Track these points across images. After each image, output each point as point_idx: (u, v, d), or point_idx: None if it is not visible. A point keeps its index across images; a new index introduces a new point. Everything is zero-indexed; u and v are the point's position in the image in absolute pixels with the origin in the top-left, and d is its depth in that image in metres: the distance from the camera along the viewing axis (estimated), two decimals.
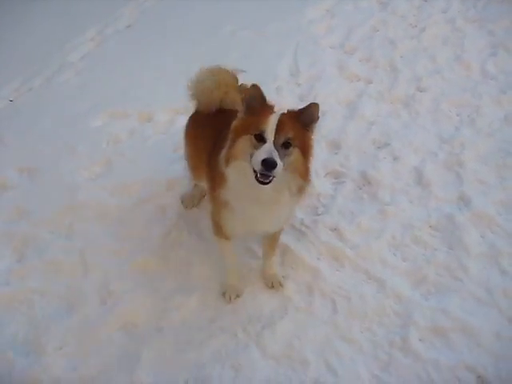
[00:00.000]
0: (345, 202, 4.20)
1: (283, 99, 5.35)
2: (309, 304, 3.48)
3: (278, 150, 2.72)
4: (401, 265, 3.72)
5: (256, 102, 2.89)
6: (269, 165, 2.66)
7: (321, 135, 4.85)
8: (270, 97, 5.13)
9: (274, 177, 2.75)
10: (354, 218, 4.05)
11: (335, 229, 3.97)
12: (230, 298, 3.50)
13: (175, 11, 7.33)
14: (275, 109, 2.96)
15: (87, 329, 3.35)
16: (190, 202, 4.16)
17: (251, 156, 2.77)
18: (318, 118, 2.98)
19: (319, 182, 4.37)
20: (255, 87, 2.90)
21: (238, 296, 3.52)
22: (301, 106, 2.98)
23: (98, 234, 3.98)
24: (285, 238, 3.83)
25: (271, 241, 3.54)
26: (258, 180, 2.76)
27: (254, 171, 2.76)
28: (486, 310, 3.41)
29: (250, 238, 3.82)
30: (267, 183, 2.77)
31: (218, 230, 3.37)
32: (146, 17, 7.32)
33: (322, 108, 5.10)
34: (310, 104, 2.93)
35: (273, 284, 3.58)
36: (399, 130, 4.94)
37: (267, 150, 2.70)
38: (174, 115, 5.20)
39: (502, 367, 3.09)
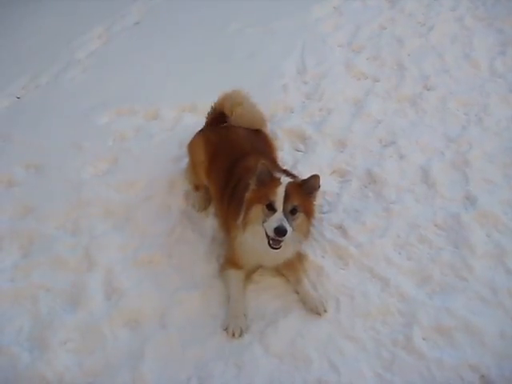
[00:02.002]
0: (350, 201, 4.19)
1: (290, 97, 5.36)
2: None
3: (287, 217, 3.19)
4: (405, 264, 3.71)
5: (264, 176, 3.32)
6: (280, 232, 3.13)
7: (327, 133, 4.86)
8: (277, 95, 5.19)
9: (283, 241, 3.20)
10: (359, 216, 4.04)
11: (340, 227, 3.97)
12: (234, 334, 3.29)
13: (182, 9, 7.34)
14: (281, 180, 3.35)
15: (91, 325, 3.36)
16: (201, 205, 4.16)
17: (264, 221, 3.23)
18: (319, 187, 3.42)
19: (324, 180, 4.33)
20: (263, 164, 3.31)
21: (242, 331, 3.32)
22: (304, 177, 3.46)
23: (103, 230, 4.00)
24: None
25: (294, 265, 3.61)
26: (270, 246, 3.22)
27: (267, 236, 3.21)
28: (490, 309, 3.40)
29: None
30: (278, 248, 3.23)
31: (231, 261, 3.61)
32: (153, 14, 7.32)
33: (328, 106, 5.18)
34: (312, 176, 3.37)
35: (314, 310, 3.40)
36: (406, 128, 4.93)
37: (278, 218, 3.18)
38: (180, 112, 5.21)
39: (506, 367, 3.08)
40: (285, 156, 4.57)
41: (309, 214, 3.38)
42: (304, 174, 4.30)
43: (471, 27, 6.53)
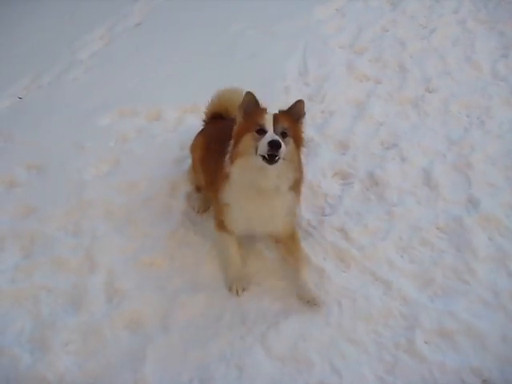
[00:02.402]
0: (352, 203, 4.19)
1: (291, 99, 5.32)
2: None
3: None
4: (407, 266, 3.70)
5: (251, 106, 3.32)
6: (275, 145, 3.07)
7: (328, 135, 4.85)
8: (279, 96, 5.19)
9: (279, 158, 3.12)
10: (360, 218, 4.04)
11: (342, 229, 3.96)
12: (237, 292, 3.52)
13: (184, 9, 7.35)
14: (267, 110, 3.35)
15: (93, 326, 3.35)
16: (201, 206, 4.15)
17: (256, 149, 3.16)
18: (305, 113, 3.43)
19: (326, 182, 4.37)
20: (249, 94, 3.32)
21: (244, 289, 3.55)
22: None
23: (104, 231, 3.99)
24: None
25: (292, 250, 3.63)
26: (266, 161, 3.12)
27: (262, 157, 3.12)
28: (492, 313, 3.38)
29: (259, 239, 3.83)
30: (275, 162, 3.12)
31: (220, 225, 3.61)
32: (155, 15, 7.33)
33: (330, 108, 5.18)
34: (296, 101, 3.41)
35: (308, 302, 3.44)
36: (408, 130, 4.93)
37: (271, 134, 3.14)
38: (182, 113, 5.21)
39: (508, 370, 3.07)
40: None
41: (298, 140, 3.37)
42: (306, 176, 4.31)
43: (473, 30, 6.54)
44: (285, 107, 3.45)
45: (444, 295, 3.51)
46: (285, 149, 3.13)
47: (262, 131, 3.19)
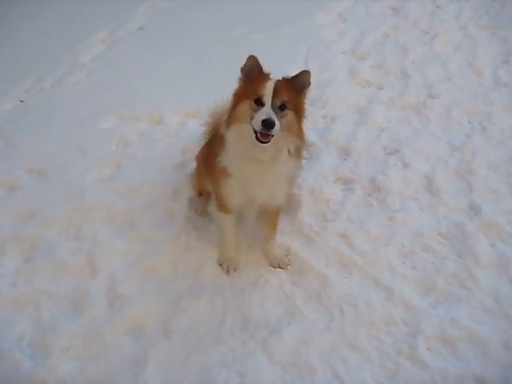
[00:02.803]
0: (354, 209, 4.18)
1: None
2: (316, 311, 3.46)
3: (275, 112, 3.03)
4: (409, 273, 3.70)
5: (253, 71, 3.20)
6: (268, 124, 2.97)
7: (330, 140, 4.85)
8: None
9: (272, 136, 3.04)
10: (362, 224, 4.03)
11: (344, 235, 3.95)
12: (228, 271, 3.68)
13: (187, 14, 7.35)
14: (271, 76, 3.22)
15: (94, 331, 3.34)
16: (204, 209, 4.15)
17: (251, 118, 3.07)
18: (310, 84, 3.27)
19: (328, 187, 4.36)
20: (252, 57, 3.19)
21: (235, 269, 3.69)
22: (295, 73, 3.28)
23: (106, 236, 3.97)
24: (293, 244, 3.86)
25: (272, 220, 3.69)
26: (258, 140, 3.05)
27: (255, 132, 3.05)
28: (494, 319, 3.38)
29: (257, 241, 3.81)
30: (267, 142, 3.05)
31: (220, 203, 3.58)
32: (158, 19, 7.33)
33: (332, 113, 5.19)
34: (302, 71, 3.25)
35: (279, 265, 3.73)
36: (410, 136, 4.93)
37: (266, 111, 3.01)
38: (184, 118, 5.20)
39: (510, 377, 3.07)
40: None
41: (299, 112, 3.23)
42: (308, 181, 4.32)
43: (475, 36, 6.55)
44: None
45: (446, 301, 3.51)
46: (279, 126, 3.02)
47: (259, 102, 3.06)
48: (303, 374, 3.11)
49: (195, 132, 4.52)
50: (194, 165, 4.23)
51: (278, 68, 5.60)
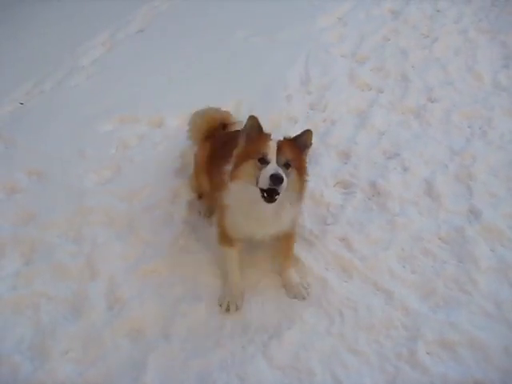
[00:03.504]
0: (354, 213, 4.17)
1: (293, 107, 5.36)
2: (316, 315, 3.45)
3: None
4: (409, 277, 3.69)
5: (254, 131, 3.22)
6: (276, 179, 2.95)
7: (330, 144, 4.85)
8: (281, 105, 5.19)
9: (279, 194, 3.01)
10: (362, 228, 4.03)
11: (344, 239, 3.95)
12: (229, 310, 3.47)
13: (187, 16, 7.35)
14: (271, 137, 3.24)
15: (93, 334, 3.34)
16: (207, 210, 4.16)
17: (257, 178, 3.05)
18: (311, 143, 3.31)
19: (328, 191, 4.35)
20: (253, 118, 3.21)
21: (237, 308, 3.49)
22: (297, 133, 3.32)
23: (105, 239, 3.97)
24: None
25: (285, 247, 3.62)
26: (264, 199, 3.04)
27: (261, 191, 3.03)
28: (494, 324, 3.37)
29: (257, 247, 3.79)
30: (274, 201, 3.04)
31: (223, 236, 3.52)
32: (157, 22, 7.32)
33: (332, 117, 5.19)
34: (305, 131, 3.28)
35: (296, 296, 3.56)
36: (410, 140, 4.92)
37: (273, 167, 3.01)
38: (184, 121, 5.17)
39: (511, 382, 3.06)
40: None
41: (301, 170, 3.25)
42: (308, 185, 4.31)
43: (475, 40, 6.54)
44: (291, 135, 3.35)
45: (446, 306, 3.50)
46: (286, 182, 3.02)
47: (264, 161, 3.07)
48: (303, 378, 3.10)
49: None
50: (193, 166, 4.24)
51: (278, 71, 5.63)
